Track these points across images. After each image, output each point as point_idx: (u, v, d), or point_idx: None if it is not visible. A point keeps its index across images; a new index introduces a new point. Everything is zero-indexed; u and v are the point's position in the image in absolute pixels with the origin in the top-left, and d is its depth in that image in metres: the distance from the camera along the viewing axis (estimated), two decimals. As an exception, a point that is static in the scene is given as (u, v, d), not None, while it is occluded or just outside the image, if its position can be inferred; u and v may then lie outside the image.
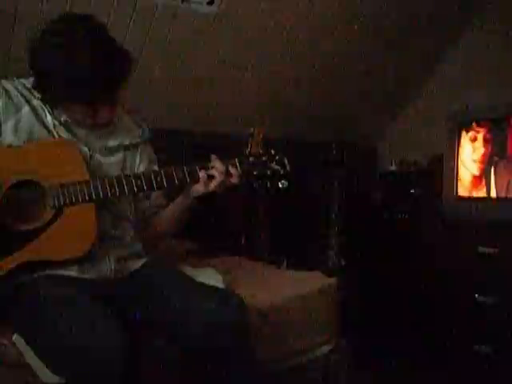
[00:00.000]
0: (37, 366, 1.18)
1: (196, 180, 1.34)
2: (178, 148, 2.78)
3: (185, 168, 1.32)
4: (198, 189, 1.35)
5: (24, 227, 1.21)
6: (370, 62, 3.07)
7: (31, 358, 1.19)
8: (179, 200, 1.45)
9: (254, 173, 1.37)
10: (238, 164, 1.36)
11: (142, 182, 1.28)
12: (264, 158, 1.38)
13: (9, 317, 1.26)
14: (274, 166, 1.37)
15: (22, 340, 1.21)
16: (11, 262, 1.19)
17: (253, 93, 2.88)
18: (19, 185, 1.23)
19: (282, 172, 1.38)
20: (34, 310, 1.19)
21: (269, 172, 1.37)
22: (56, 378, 1.14)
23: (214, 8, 2.35)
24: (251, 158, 1.37)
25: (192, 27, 2.41)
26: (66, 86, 1.21)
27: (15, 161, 1.24)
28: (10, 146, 1.26)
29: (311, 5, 2.57)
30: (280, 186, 1.39)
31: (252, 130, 1.62)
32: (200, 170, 1.34)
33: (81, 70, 1.19)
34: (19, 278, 1.24)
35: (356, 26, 2.80)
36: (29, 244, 1.20)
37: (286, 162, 1.39)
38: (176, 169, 1.31)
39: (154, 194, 1.52)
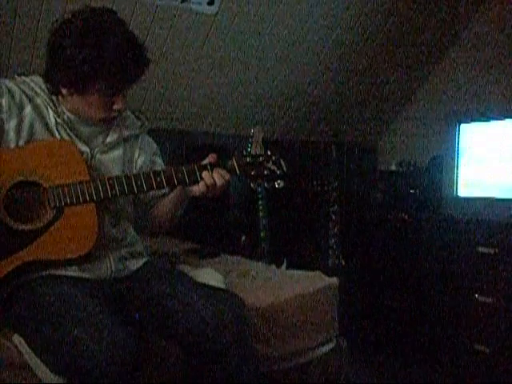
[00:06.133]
0: (37, 366, 1.18)
1: (196, 181, 1.33)
2: (178, 148, 2.79)
3: (184, 169, 1.32)
4: (195, 191, 1.35)
5: (25, 227, 1.21)
6: (369, 62, 3.07)
7: (31, 358, 1.19)
8: (173, 194, 1.44)
9: (252, 173, 1.38)
10: (235, 164, 1.36)
11: (142, 182, 1.28)
12: (261, 159, 1.39)
13: (9, 317, 1.26)
14: (271, 166, 1.39)
15: (22, 340, 1.21)
16: (13, 262, 1.19)
17: (253, 93, 2.88)
18: (20, 185, 1.23)
19: (278, 172, 1.39)
20: (34, 309, 1.19)
21: (266, 172, 1.38)
22: (56, 379, 1.14)
23: (213, 8, 2.35)
24: (248, 159, 1.38)
25: (192, 27, 2.41)
26: (95, 74, 1.22)
27: (15, 161, 1.24)
28: (11, 148, 1.26)
29: (311, 5, 2.57)
30: (276, 185, 1.41)
31: (252, 130, 1.63)
32: (200, 171, 1.33)
33: (110, 59, 1.20)
34: (20, 278, 1.24)
35: (356, 27, 2.81)
36: (30, 244, 1.20)
37: (282, 162, 1.40)
38: (176, 170, 1.31)
39: None
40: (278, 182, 1.40)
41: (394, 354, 2.54)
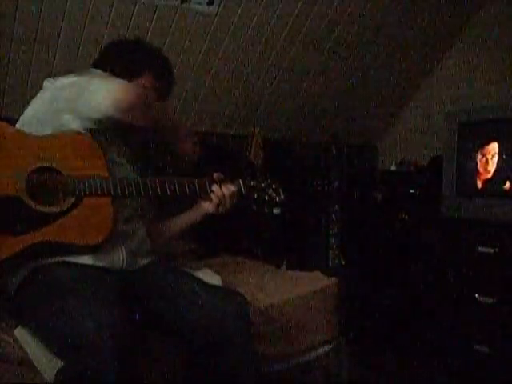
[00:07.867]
0: (39, 362, 1.18)
1: (205, 192, 1.43)
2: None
3: (196, 180, 1.40)
4: (208, 207, 1.47)
5: (44, 209, 1.25)
6: (369, 62, 3.07)
7: (32, 352, 1.19)
8: (188, 216, 1.57)
9: (255, 196, 1.50)
10: (242, 184, 1.48)
11: (156, 186, 1.35)
12: (263, 185, 1.51)
13: (13, 311, 1.28)
14: (272, 193, 1.51)
15: (25, 334, 1.22)
16: (28, 240, 1.22)
17: (253, 93, 2.88)
18: (41, 171, 1.27)
19: (277, 199, 1.51)
20: (41, 293, 1.21)
21: (266, 197, 1.50)
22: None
23: (213, 8, 2.35)
24: (252, 182, 1.50)
25: (192, 27, 2.41)
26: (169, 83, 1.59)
27: (38, 148, 1.28)
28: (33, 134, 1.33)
29: (310, 5, 2.57)
30: (274, 211, 1.54)
31: (252, 130, 1.65)
32: (210, 183, 1.43)
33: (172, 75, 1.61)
34: (34, 261, 1.26)
35: (355, 26, 2.81)
36: (47, 226, 1.24)
37: (281, 191, 1.52)
38: (188, 180, 1.40)
39: None
40: (276, 208, 1.53)
41: (394, 353, 2.53)
